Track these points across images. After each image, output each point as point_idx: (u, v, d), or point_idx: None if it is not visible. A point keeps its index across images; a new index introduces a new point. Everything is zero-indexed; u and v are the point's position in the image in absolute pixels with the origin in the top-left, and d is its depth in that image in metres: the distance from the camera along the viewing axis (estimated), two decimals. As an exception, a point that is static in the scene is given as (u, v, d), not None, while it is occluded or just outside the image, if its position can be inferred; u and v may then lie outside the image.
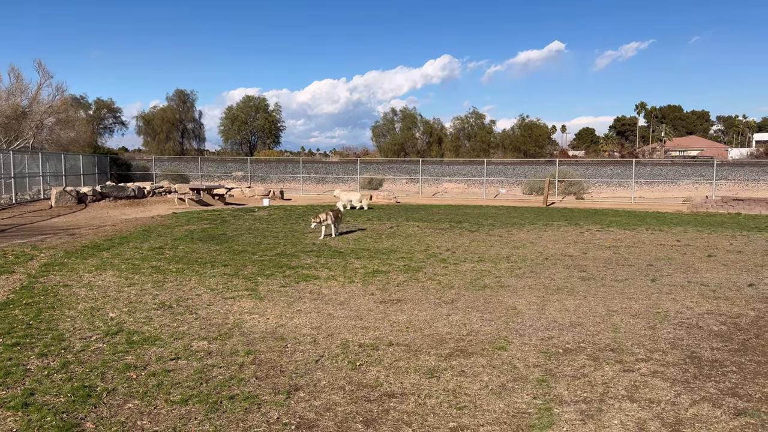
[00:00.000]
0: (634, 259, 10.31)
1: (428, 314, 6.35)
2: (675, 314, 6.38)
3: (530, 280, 8.27)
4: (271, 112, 66.52)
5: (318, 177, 40.10)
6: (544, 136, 63.86)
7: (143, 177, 34.99)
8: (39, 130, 28.79)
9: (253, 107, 65.30)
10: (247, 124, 64.92)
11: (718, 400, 4.04)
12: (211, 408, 3.86)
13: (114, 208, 19.84)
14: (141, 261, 9.45)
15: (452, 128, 64.33)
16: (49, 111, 29.05)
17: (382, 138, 65.77)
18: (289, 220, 16.66)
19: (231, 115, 64.91)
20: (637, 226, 15.80)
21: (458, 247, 11.59)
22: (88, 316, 6.10)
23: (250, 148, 64.82)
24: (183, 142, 62.42)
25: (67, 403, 3.90)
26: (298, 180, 37.99)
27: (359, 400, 4.02)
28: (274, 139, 67.39)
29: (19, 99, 27.46)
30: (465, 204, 26.02)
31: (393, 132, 65.03)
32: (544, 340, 5.43)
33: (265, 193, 26.50)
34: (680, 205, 25.34)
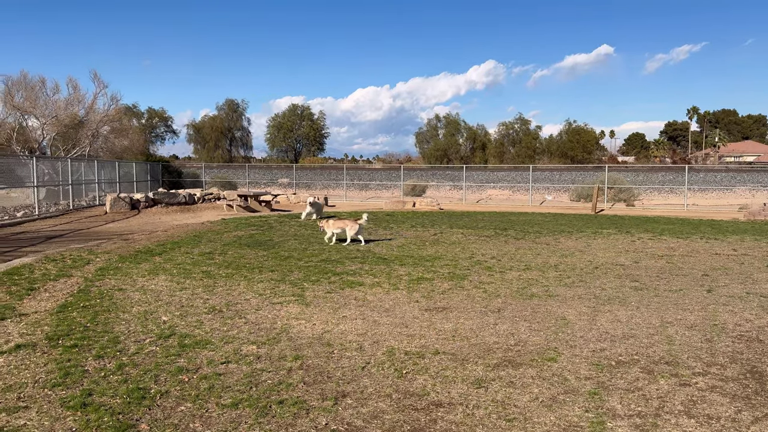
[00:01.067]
0: (688, 268, 9.95)
1: (474, 323, 6.29)
2: (733, 327, 6.12)
3: (580, 290, 8.09)
4: (316, 120, 67.42)
5: (361, 184, 40.35)
6: (592, 141, 62.52)
7: (193, 184, 35.97)
8: (95, 138, 29.99)
9: (298, 115, 66.35)
10: (293, 132, 65.97)
11: (783, 419, 3.85)
12: (261, 412, 3.92)
13: (166, 214, 20.44)
14: (192, 266, 9.70)
15: (496, 134, 63.72)
16: (105, 120, 30.23)
17: (425, 144, 65.72)
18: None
19: (277, 123, 66.12)
20: (691, 235, 15.26)
21: (504, 254, 11.45)
22: (141, 320, 6.28)
23: (295, 155, 65.80)
24: (231, 149, 63.91)
25: (123, 405, 4.03)
26: (341, 187, 38.31)
27: (406, 409, 4.00)
28: (318, 146, 68.24)
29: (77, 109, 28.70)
30: (510, 211, 25.70)
31: (436, 138, 64.88)
32: (596, 351, 5.29)
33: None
34: (736, 212, 24.36)
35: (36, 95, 27.45)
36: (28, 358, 4.97)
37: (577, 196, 33.71)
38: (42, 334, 5.68)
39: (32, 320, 6.16)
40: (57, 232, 14.95)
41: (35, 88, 27.53)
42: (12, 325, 5.98)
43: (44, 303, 6.98)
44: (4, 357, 4.97)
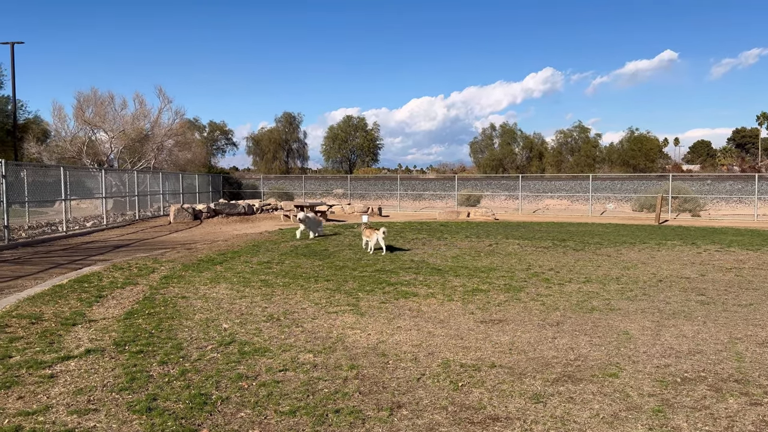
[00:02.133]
0: (759, 282, 9.44)
1: (532, 336, 6.16)
2: (813, 345, 5.75)
3: (643, 303, 7.80)
4: (370, 131, 67.99)
5: (415, 194, 40.37)
6: (654, 149, 60.35)
7: (252, 195, 36.93)
8: (159, 151, 31.30)
9: (352, 126, 67.09)
10: (347, 143, 66.76)
11: None
12: (318, 420, 3.96)
13: (226, 224, 21.05)
14: (251, 275, 9.94)
15: (554, 142, 62.42)
16: (169, 133, 31.54)
17: (480, 154, 65.11)
18: (388, 237, 16.85)
19: (332, 134, 67.08)
20: (762, 246, 14.48)
21: (562, 266, 11.19)
22: (203, 327, 6.48)
23: (350, 165, 66.52)
24: (288, 161, 65.30)
25: (185, 410, 4.15)
26: (395, 197, 38.45)
27: (463, 422, 3.96)
28: (372, 156, 68.73)
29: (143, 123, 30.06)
30: (568, 221, 25.09)
31: (491, 148, 64.20)
32: (660, 368, 5.08)
33: (364, 210, 27.04)
34: (815, 223, 22.94)
35: (105, 110, 28.95)
36: (97, 362, 5.20)
37: (640, 207, 32.59)
38: (110, 339, 5.94)
39: (101, 326, 6.46)
40: (124, 242, 15.65)
41: (104, 103, 29.05)
42: (82, 330, 6.29)
43: (112, 310, 7.30)
44: (75, 361, 5.22)
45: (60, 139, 30.04)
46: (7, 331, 6.14)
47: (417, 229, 19.53)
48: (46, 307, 7.30)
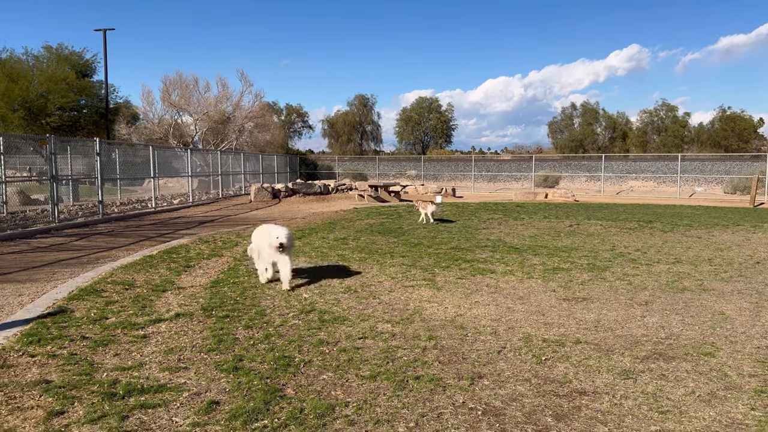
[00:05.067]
0: None
1: (619, 314, 5.89)
2: None
3: (739, 285, 7.29)
4: (443, 112, 67.35)
5: (490, 175, 39.68)
6: (749, 129, 56.33)
7: (327, 175, 37.58)
8: (240, 133, 32.38)
9: (425, 108, 66.70)
10: (420, 125, 66.47)
11: None
12: (398, 386, 3.96)
13: (303, 203, 21.54)
14: (328, 249, 10.10)
15: (639, 122, 59.52)
16: (249, 116, 32.54)
17: (558, 134, 63.15)
18: (462, 216, 16.68)
19: (405, 116, 66.99)
20: None
21: (649, 247, 10.65)
22: (284, 296, 6.65)
23: (423, 147, 66.27)
24: (362, 143, 65.92)
25: (270, 370, 4.27)
26: (469, 178, 37.96)
27: (547, 394, 3.84)
28: (445, 138, 68.17)
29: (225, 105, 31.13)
30: (654, 203, 23.89)
31: (571, 128, 62.05)
32: (761, 348, 4.73)
33: (438, 191, 26.87)
34: None
35: (189, 93, 30.25)
36: (186, 325, 5.45)
37: (733, 188, 30.54)
38: (197, 305, 6.21)
39: (189, 293, 6.76)
40: (208, 218, 16.33)
41: (189, 86, 30.34)
42: (172, 296, 6.60)
43: (199, 279, 7.62)
44: (166, 324, 5.49)
45: (148, 122, 31.66)
46: (103, 295, 6.54)
47: (492, 210, 19.20)
48: (138, 275, 7.72)
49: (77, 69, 36.82)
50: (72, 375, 4.10)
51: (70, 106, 36.01)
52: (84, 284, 7.05)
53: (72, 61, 37.00)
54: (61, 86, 34.25)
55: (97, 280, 7.28)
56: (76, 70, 36.64)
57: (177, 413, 3.53)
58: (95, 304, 6.13)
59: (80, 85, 36.19)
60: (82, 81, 36.75)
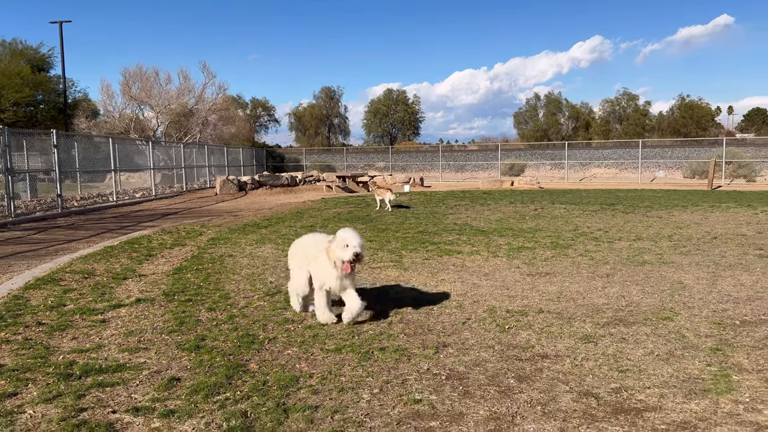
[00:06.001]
0: (826, 238, 8.94)
1: (581, 287, 6.00)
2: None
3: (697, 257, 7.50)
4: (411, 104, 67.43)
5: (457, 165, 39.94)
6: (707, 117, 57.88)
7: (295, 168, 37.30)
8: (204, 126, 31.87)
9: (393, 100, 66.66)
10: (388, 117, 66.44)
11: None
12: (363, 357, 3.95)
13: (270, 195, 21.33)
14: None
15: (601, 111, 60.60)
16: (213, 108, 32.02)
17: (524, 125, 63.86)
18: (430, 204, 16.75)
19: (373, 108, 66.85)
20: (829, 207, 13.72)
21: (611, 227, 10.87)
22: (250, 280, 6.57)
23: (391, 140, 66.27)
24: (330, 136, 65.57)
25: (233, 348, 4.21)
26: (437, 168, 38.17)
27: (510, 359, 3.88)
28: (413, 130, 68.26)
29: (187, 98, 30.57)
30: (617, 188, 24.39)
31: (536, 118, 62.83)
32: (717, 312, 4.87)
33: (406, 181, 26.93)
34: None
35: (150, 86, 29.59)
36: (147, 310, 5.33)
37: (692, 173, 31.38)
38: (159, 291, 6.08)
39: (151, 280, 6.62)
40: (171, 210, 16.04)
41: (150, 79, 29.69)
42: (133, 283, 6.46)
43: (161, 266, 7.48)
44: (126, 308, 5.37)
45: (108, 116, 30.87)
46: (61, 284, 6.36)
47: (459, 197, 19.34)
48: (98, 264, 7.53)
49: (33, 63, 35.66)
50: (26, 359, 3.98)
51: (26, 102, 34.88)
52: (41, 274, 6.84)
53: (27, 56, 35.82)
54: (15, 81, 33.13)
55: (55, 270, 7.08)
56: (32, 64, 35.48)
57: (136, 390, 3.45)
58: (53, 292, 5.95)
59: (36, 79, 35.06)
60: (38, 75, 35.60)
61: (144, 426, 2.99)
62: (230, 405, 3.22)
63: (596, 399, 3.21)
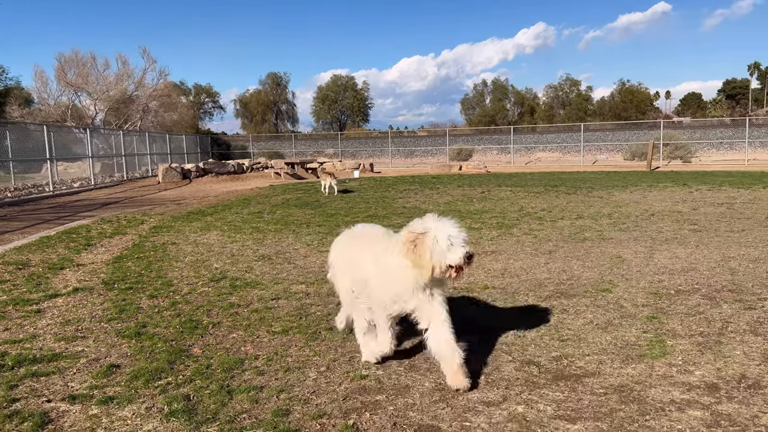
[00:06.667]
0: (750, 213, 9.46)
1: (524, 263, 6.14)
2: (805, 260, 5.77)
3: (635, 233, 7.79)
4: (360, 91, 67.18)
5: (407, 150, 40.11)
6: (646, 101, 60.11)
7: (242, 155, 36.58)
8: (145, 113, 30.80)
9: (341, 86, 66.24)
10: (337, 103, 66.00)
11: None
12: (311, 337, 3.93)
13: (215, 183, 20.88)
14: (242, 223, 9.85)
15: (545, 97, 62.01)
16: (154, 95, 30.97)
17: (471, 111, 64.70)
18: (379, 189, 16.77)
19: (321, 94, 66.26)
20: (753, 185, 14.50)
21: (554, 207, 11.16)
22: (194, 267, 6.42)
23: (340, 126, 65.91)
24: (277, 123, 64.59)
25: (175, 333, 4.11)
26: (387, 154, 38.24)
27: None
28: (362, 117, 68.12)
29: (127, 84, 29.45)
30: (560, 171, 25.06)
31: (483, 104, 63.73)
32: (653, 283, 5.08)
33: (356, 166, 26.87)
34: (805, 164, 22.98)
35: (87, 71, 28.31)
36: (86, 299, 5.14)
37: (631, 155, 32.53)
38: (98, 280, 5.87)
39: (89, 269, 6.38)
40: (112, 200, 15.48)
41: (86, 64, 28.40)
42: (70, 273, 6.20)
43: (101, 256, 7.21)
44: (63, 298, 5.15)
45: (43, 103, 29.42)
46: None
47: (409, 182, 19.44)
48: (33, 255, 7.20)
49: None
50: (-48, 352, 3.77)
51: (-50, 90, 32.86)
52: (-31, 267, 6.48)
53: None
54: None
55: (-16, 262, 6.72)
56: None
57: (73, 379, 3.32)
58: (-18, 284, 5.65)
59: (-39, 67, 33.03)
60: (-37, 62, 33.52)
61: (81, 414, 2.89)
62: (172, 389, 3.15)
63: (538, 367, 3.30)
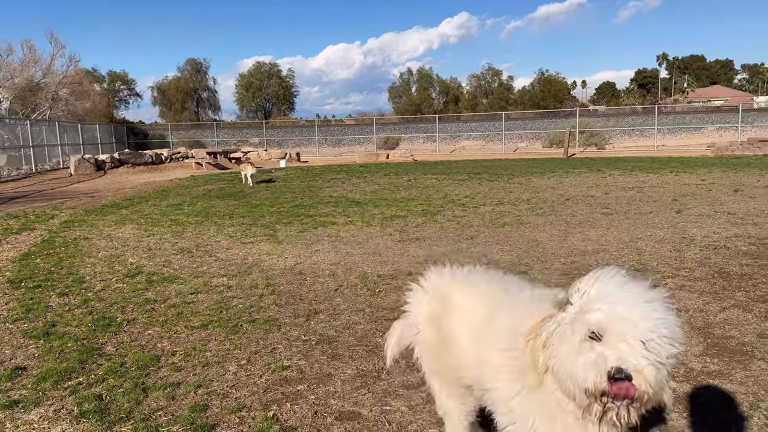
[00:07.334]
0: (657, 196, 10.08)
1: (448, 249, 6.27)
2: (702, 238, 6.21)
3: (551, 218, 8.12)
4: (284, 78, 66.01)
5: (334, 139, 39.89)
6: (563, 91, 62.59)
7: (160, 145, 35.14)
8: (55, 102, 28.95)
9: (265, 74, 64.83)
10: (261, 91, 64.56)
11: (748, 306, 3.92)
12: (231, 330, 3.85)
13: (132, 174, 19.98)
14: (160, 216, 9.49)
15: (469, 86, 63.33)
16: (64, 82, 29.12)
17: (398, 100, 65.12)
18: (306, 178, 16.62)
19: (245, 82, 64.57)
20: (661, 170, 15.45)
21: (477, 194, 11.45)
22: (108, 262, 6.13)
23: (265, 115, 64.56)
24: (198, 111, 62.41)
25: (87, 332, 3.92)
26: (314, 144, 37.89)
27: (379, 319, 3.97)
28: (288, 105, 67.01)
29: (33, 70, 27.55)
30: (483, 159, 25.72)
31: (409, 93, 64.27)
32: (567, 264, 5.32)
33: (282, 156, 26.47)
34: (705, 150, 24.71)
35: (-12, 57, 26.24)
36: (-11, 299, 4.80)
37: (550, 143, 33.83)
38: (3, 278, 5.52)
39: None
40: (19, 194, 14.50)
41: (-13, 50, 26.28)
42: (-29, 273, 5.78)
43: (6, 253, 6.77)
44: (-37, 300, 4.80)
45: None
46: None
47: (336, 171, 19.36)
48: (-73, 254, 6.65)
49: None
50: None
51: None
52: None
53: None
54: None
55: None
56: None
57: (-30, 386, 3.10)
58: None
59: None
60: None
61: (-21, 423, 2.70)
62: (83, 390, 3.00)
63: (457, 349, 3.38)
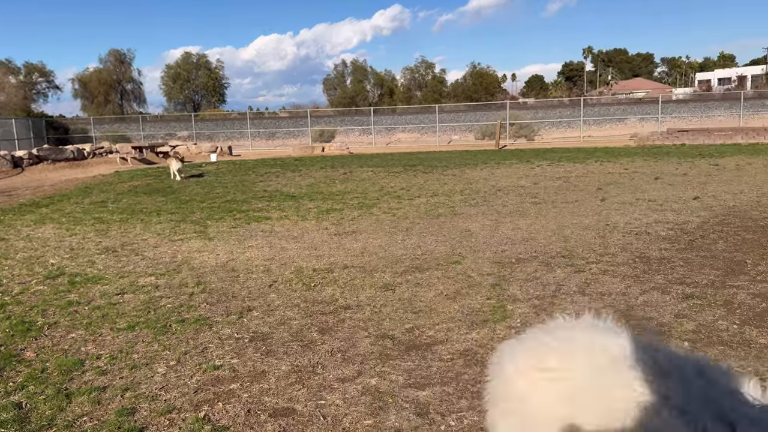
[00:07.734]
0: (583, 185, 10.50)
1: (383, 241, 6.30)
2: (624, 225, 6.53)
3: (483, 208, 8.31)
4: (214, 70, 64.16)
5: (268, 132, 39.22)
6: (494, 84, 64.03)
7: (82, 140, 33.41)
8: (-37, 94, 26.98)
9: (193, 64, 62.78)
10: (190, 83, 62.51)
11: (667, 289, 4.15)
12: (160, 331, 3.72)
13: (53, 171, 18.95)
14: (83, 214, 9.05)
15: (403, 79, 63.73)
16: (-27, 73, 27.16)
17: (332, 92, 64.70)
18: (239, 173, 16.27)
19: (172, 73, 62.29)
20: (586, 160, 16.10)
21: (412, 186, 11.56)
22: (27, 264, 5.80)
23: (195, 107, 62.54)
24: (123, 104, 59.67)
25: (5, 338, 3.70)
26: (246, 137, 37.12)
27: (314, 314, 3.95)
28: (218, 97, 65.19)
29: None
30: (418, 151, 25.98)
31: (344, 85, 63.98)
32: (497, 253, 5.47)
33: (213, 150, 25.79)
34: (628, 140, 25.94)
35: None
36: None
37: (482, 135, 34.57)
38: None
39: None
40: (-76, 194, 13.45)
41: None
42: None
43: None
44: None
45: None
46: None
47: (270, 165, 19.05)
48: None
49: None
50: None
51: None
52: None
53: None
54: None
55: None
56: None
57: None
58: None
59: None
60: None
61: None
62: (0, 399, 2.83)
63: (392, 340, 3.42)
